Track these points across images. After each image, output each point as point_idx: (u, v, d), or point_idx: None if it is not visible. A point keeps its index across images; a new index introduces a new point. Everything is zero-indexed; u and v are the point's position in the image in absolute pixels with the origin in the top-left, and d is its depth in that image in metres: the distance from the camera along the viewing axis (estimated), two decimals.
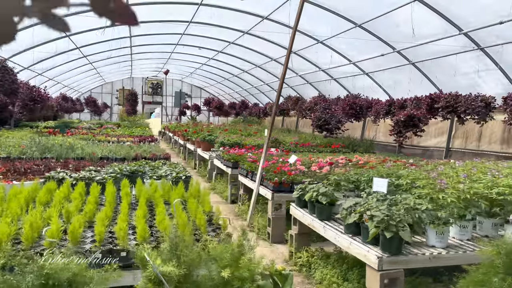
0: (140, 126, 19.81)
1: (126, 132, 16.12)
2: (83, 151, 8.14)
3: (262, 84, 21.65)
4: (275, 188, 6.26)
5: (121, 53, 18.90)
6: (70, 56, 17.29)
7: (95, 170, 6.02)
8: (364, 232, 3.86)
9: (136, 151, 8.70)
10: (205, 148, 12.50)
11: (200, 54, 19.41)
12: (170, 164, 7.26)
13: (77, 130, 14.90)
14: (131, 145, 10.05)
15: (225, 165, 9.30)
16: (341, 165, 7.55)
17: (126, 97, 22.40)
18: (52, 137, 9.42)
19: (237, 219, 7.54)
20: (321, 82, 15.56)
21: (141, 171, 6.23)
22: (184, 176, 5.85)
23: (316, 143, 13.13)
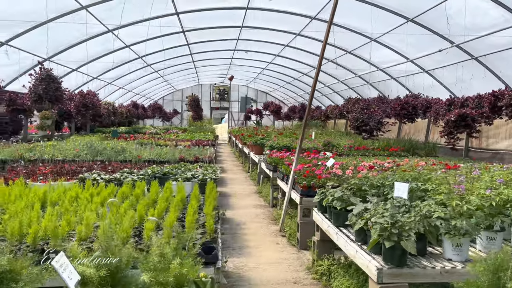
0: (204, 131, 20.45)
1: (187, 137, 16.70)
2: (130, 154, 8.57)
3: (322, 87, 21.22)
4: (303, 192, 6.04)
5: (183, 61, 19.73)
6: (136, 65, 18.55)
7: (128, 172, 6.29)
8: (369, 240, 3.55)
9: (182, 155, 8.96)
10: (256, 152, 12.52)
11: (259, 58, 19.57)
12: (206, 166, 7.36)
13: (143, 135, 15.81)
14: (182, 149, 10.38)
15: (267, 168, 9.22)
16: (385, 169, 7.08)
17: (189, 103, 23.30)
18: (111, 141, 10.08)
19: (273, 223, 7.41)
20: (380, 82, 14.81)
21: (173, 173, 6.38)
22: (210, 178, 5.88)
23: (373, 147, 12.52)
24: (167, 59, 16.79)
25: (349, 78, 17.22)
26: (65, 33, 10.37)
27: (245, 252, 5.78)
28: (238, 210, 8.41)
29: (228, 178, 12.74)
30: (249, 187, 11.30)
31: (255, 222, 7.45)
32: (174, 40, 14.24)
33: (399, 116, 10.26)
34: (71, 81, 13.17)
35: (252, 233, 6.76)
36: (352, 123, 11.20)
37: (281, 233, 6.75)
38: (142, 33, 11.49)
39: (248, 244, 6.14)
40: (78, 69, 13.24)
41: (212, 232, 3.23)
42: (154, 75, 20.47)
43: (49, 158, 8.08)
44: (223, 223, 7.30)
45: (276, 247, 6.05)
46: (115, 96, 20.32)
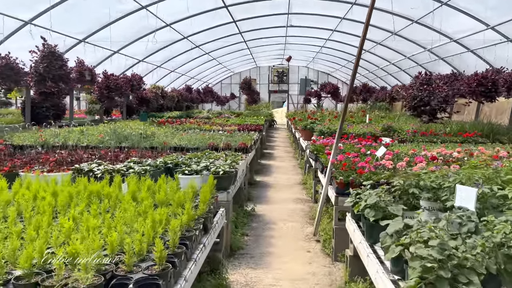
0: (259, 115, 19.49)
1: (238, 121, 15.84)
2: (158, 139, 7.84)
3: (387, 65, 19.13)
4: (339, 190, 4.82)
5: (233, 41, 18.82)
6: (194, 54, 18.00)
7: (136, 162, 5.49)
8: (407, 273, 2.32)
9: (213, 141, 8.05)
10: (306, 137, 11.30)
11: (315, 35, 18.01)
12: (232, 155, 6.36)
13: (193, 120, 15.25)
14: (213, 134, 9.49)
15: (310, 157, 8.02)
16: (451, 162, 5.62)
17: (241, 85, 22.38)
18: (142, 126, 9.49)
19: (310, 224, 6.26)
20: (454, 56, 12.66)
21: (186, 163, 5.47)
22: (223, 171, 4.86)
23: (443, 131, 10.72)
24: (215, 40, 15.96)
25: (417, 53, 15.12)
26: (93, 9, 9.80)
27: (266, 262, 4.73)
28: (274, 205, 7.36)
29: (274, 166, 11.70)
30: (294, 177, 10.16)
31: (288, 221, 6.35)
32: (218, 18, 13.34)
33: (474, 94, 8.36)
34: (113, 63, 12.86)
35: (281, 235, 5.67)
36: (407, 102, 9.39)
37: (316, 238, 5.59)
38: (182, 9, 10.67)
39: (272, 251, 5.08)
40: (120, 51, 12.87)
41: (163, 260, 2.21)
42: (205, 57, 19.82)
43: (73, 144, 7.60)
44: (251, 221, 6.30)
45: (305, 257, 4.92)
46: (167, 81, 20.03)
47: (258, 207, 7.07)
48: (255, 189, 8.67)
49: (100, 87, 9.52)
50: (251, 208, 6.76)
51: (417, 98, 9.17)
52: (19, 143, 7.35)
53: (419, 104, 9.28)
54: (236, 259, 4.80)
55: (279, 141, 18.75)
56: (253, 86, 23.06)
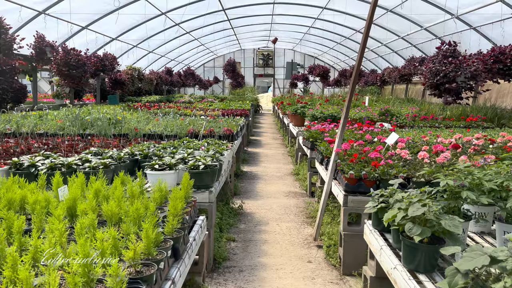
0: (244, 100, 18.39)
1: (222, 106, 14.75)
2: (128, 125, 6.76)
3: (379, 46, 18.21)
4: (350, 187, 3.86)
5: (218, 20, 17.60)
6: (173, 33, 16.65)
7: (96, 153, 4.43)
8: None
9: (194, 127, 7.00)
10: (296, 123, 10.34)
11: (303, 13, 16.90)
12: (215, 144, 5.34)
13: (172, 105, 14.11)
14: (194, 120, 8.43)
15: (304, 145, 7.07)
16: (474, 151, 4.73)
17: (224, 68, 21.15)
18: (112, 111, 8.33)
19: (308, 224, 5.31)
20: (454, 35, 11.81)
21: (159, 154, 4.44)
22: (204, 165, 3.85)
23: (443, 116, 9.89)
24: (197, 17, 14.68)
25: (412, 32, 14.19)
26: None
27: (258, 278, 3.77)
28: (264, 200, 6.40)
29: (262, 155, 10.72)
30: (285, 166, 9.22)
31: (282, 221, 5.40)
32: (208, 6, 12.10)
33: (490, 72, 7.44)
34: (82, 41, 11.50)
35: (275, 240, 4.72)
36: (427, 79, 8.32)
37: (317, 243, 4.65)
38: None
39: (265, 262, 4.13)
40: (89, 26, 11.53)
41: None
42: (186, 37, 18.49)
43: (27, 131, 6.45)
44: (239, 221, 5.34)
45: (306, 269, 3.98)
46: (144, 62, 18.66)
47: (246, 203, 6.10)
48: (242, 181, 7.69)
49: (58, 64, 8.24)
50: (238, 205, 5.79)
51: (440, 73, 7.96)
52: None
53: (443, 81, 8.04)
54: (221, 275, 3.83)
55: (266, 127, 17.77)
56: (237, 68, 21.89)
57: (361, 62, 4.52)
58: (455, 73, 7.56)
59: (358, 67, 4.48)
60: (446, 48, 8.23)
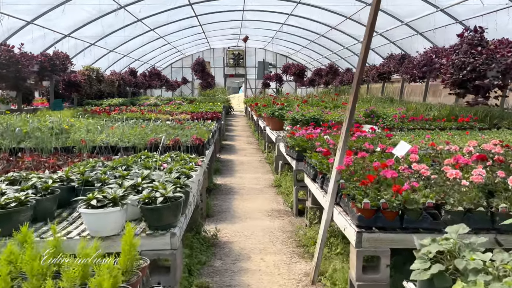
0: (215, 102, 17.22)
1: (191, 109, 13.55)
2: (76, 136, 5.53)
3: (355, 43, 17.48)
4: (364, 221, 2.86)
5: (186, 20, 16.42)
6: (135, 30, 15.30)
7: (16, 180, 3.24)
8: None
9: (157, 136, 5.83)
10: (274, 127, 9.34)
11: (276, 9, 15.95)
12: (181, 160, 4.23)
13: (135, 108, 12.81)
14: (168, 125, 7.27)
15: (288, 155, 6.05)
16: (498, 161, 3.86)
17: (193, 67, 19.93)
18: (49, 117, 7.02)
19: (300, 255, 4.28)
20: (438, 30, 11.11)
21: (104, 179, 3.30)
22: (163, 197, 2.74)
23: (432, 116, 9.15)
24: (161, 12, 13.44)
25: (391, 28, 13.48)
26: None
27: None
28: (244, 222, 5.34)
29: (237, 162, 9.65)
30: (264, 176, 8.18)
31: (268, 252, 4.35)
32: None
33: None
34: (27, 38, 10.03)
35: (262, 284, 3.66)
36: (449, 74, 7.28)
37: (315, 287, 3.62)
38: None
39: None
40: (35, 21, 10.08)
41: None
42: (150, 35, 17.14)
43: None
44: (214, 256, 4.25)
45: None
46: (104, 63, 17.14)
47: (222, 228, 5.01)
48: (216, 197, 6.60)
49: None
50: (212, 234, 4.69)
51: (467, 66, 6.63)
52: None
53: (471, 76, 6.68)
54: None
55: (239, 130, 16.70)
56: (207, 68, 20.73)
57: (366, 60, 3.53)
58: (487, 66, 6.42)
59: (362, 65, 3.48)
60: (472, 35, 7.04)
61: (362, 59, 3.39)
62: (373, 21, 3.25)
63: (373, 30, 3.33)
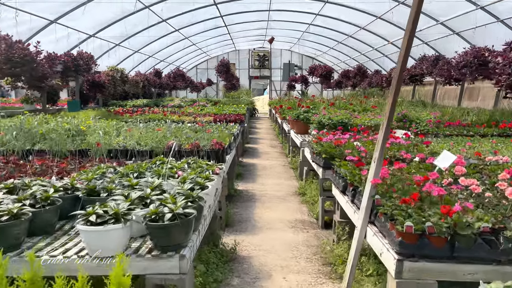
0: (239, 104, 16.94)
1: (214, 111, 13.30)
2: (91, 138, 5.29)
3: (385, 44, 16.83)
4: (406, 247, 2.42)
5: (210, 20, 16.20)
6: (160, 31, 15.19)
7: (16, 188, 2.97)
8: None
9: (176, 139, 5.53)
10: (299, 130, 8.94)
11: (303, 9, 15.50)
12: (198, 167, 3.89)
13: (158, 109, 12.65)
14: (189, 128, 6.97)
15: (314, 161, 5.63)
16: None
17: (217, 69, 19.69)
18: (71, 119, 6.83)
19: (326, 274, 3.86)
20: (478, 29, 10.38)
21: (111, 189, 2.99)
22: (172, 214, 2.40)
23: (470, 121, 8.56)
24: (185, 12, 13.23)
25: (425, 28, 12.80)
26: None
27: None
28: (265, 234, 4.96)
29: (260, 167, 9.28)
30: (287, 182, 7.78)
31: (291, 271, 3.95)
32: None
33: None
34: (51, 38, 9.98)
35: None
36: (506, 75, 6.54)
37: None
38: None
39: None
40: (58, 20, 10.02)
41: None
42: (175, 36, 17.01)
43: None
44: (231, 273, 3.88)
45: None
46: (129, 64, 17.11)
47: (241, 240, 4.65)
48: (236, 204, 6.25)
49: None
50: (230, 247, 4.32)
51: None
52: None
53: None
54: None
55: (263, 133, 16.34)
56: (232, 69, 20.45)
57: (407, 58, 3.09)
58: None
59: (403, 63, 3.06)
60: None
61: (404, 56, 2.96)
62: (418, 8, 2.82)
63: (418, 17, 2.90)
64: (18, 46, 6.50)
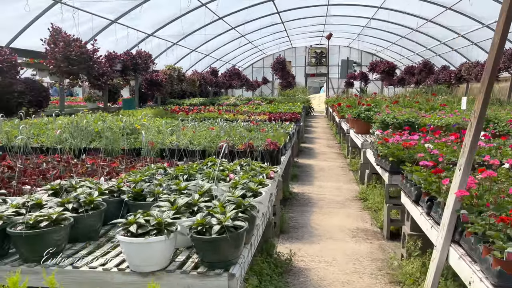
0: (294, 102, 16.53)
1: (269, 109, 13.00)
2: (145, 137, 5.18)
3: (454, 37, 15.57)
4: (505, 278, 1.92)
5: (267, 17, 15.94)
6: (216, 29, 15.19)
7: (61, 189, 2.84)
8: None
9: (230, 139, 5.29)
10: (359, 130, 8.42)
11: (364, 2, 14.74)
12: (251, 170, 3.59)
13: (213, 108, 12.61)
14: (244, 127, 6.72)
15: (378, 164, 5.13)
16: None
17: (273, 66, 19.34)
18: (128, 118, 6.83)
19: None
20: None
21: (158, 193, 2.77)
22: (220, 225, 2.10)
23: None
24: (242, 9, 13.04)
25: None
26: None
27: None
28: (324, 243, 4.56)
29: (316, 168, 8.84)
30: (346, 186, 7.29)
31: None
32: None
33: None
34: (111, 38, 10.22)
35: None
36: None
37: None
38: None
39: None
40: (118, 20, 10.23)
41: None
42: (232, 34, 16.93)
43: (20, 144, 5.08)
44: (287, 285, 3.54)
45: None
46: (186, 63, 17.28)
47: (297, 250, 4.29)
48: (291, 208, 5.89)
49: (55, 58, 6.75)
50: (286, 258, 3.98)
51: None
52: None
53: None
54: None
55: (319, 132, 15.82)
56: (287, 67, 20.02)
57: (504, 43, 2.55)
58: None
59: (498, 57, 2.52)
60: None
61: (500, 39, 2.43)
62: None
63: None
64: (76, 44, 6.61)
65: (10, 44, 8.22)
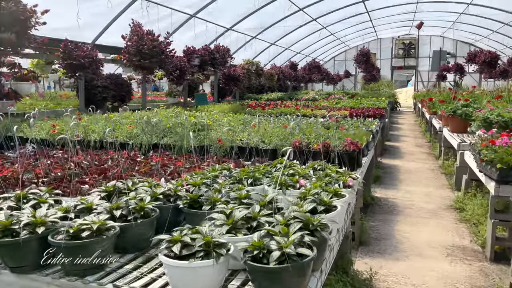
0: (378, 97, 15.47)
1: (351, 104, 12.23)
2: (214, 134, 4.95)
3: None
4: None
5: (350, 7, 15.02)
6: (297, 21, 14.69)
7: (115, 191, 2.63)
8: None
9: (303, 138, 4.83)
10: (454, 128, 7.46)
11: None
12: (325, 175, 3.11)
13: (290, 103, 12.20)
14: (322, 124, 6.22)
15: (481, 171, 4.30)
16: None
17: (356, 58, 18.25)
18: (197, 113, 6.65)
19: None
20: None
21: (216, 200, 2.44)
22: (281, 253, 1.67)
23: None
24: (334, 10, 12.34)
25: None
26: None
27: None
28: (411, 262, 3.91)
29: (402, 170, 8.00)
30: (438, 191, 6.42)
31: None
32: None
33: None
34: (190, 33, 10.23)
35: None
36: None
37: None
38: None
39: None
40: (197, 14, 10.19)
41: None
42: (312, 26, 16.25)
43: (95, 139, 5.16)
44: None
45: None
46: (265, 57, 16.96)
47: (379, 268, 3.71)
48: (373, 216, 5.27)
49: (128, 52, 6.77)
50: (365, 277, 3.44)
51: None
52: (26, 136, 5.18)
53: None
54: None
55: (406, 129, 14.61)
56: (372, 59, 18.84)
57: None
58: None
59: None
60: None
61: None
62: None
63: None
64: (148, 37, 6.61)
65: (96, 41, 8.57)
